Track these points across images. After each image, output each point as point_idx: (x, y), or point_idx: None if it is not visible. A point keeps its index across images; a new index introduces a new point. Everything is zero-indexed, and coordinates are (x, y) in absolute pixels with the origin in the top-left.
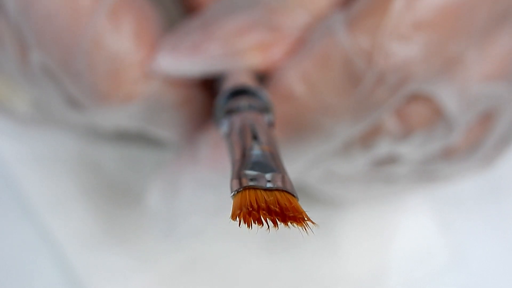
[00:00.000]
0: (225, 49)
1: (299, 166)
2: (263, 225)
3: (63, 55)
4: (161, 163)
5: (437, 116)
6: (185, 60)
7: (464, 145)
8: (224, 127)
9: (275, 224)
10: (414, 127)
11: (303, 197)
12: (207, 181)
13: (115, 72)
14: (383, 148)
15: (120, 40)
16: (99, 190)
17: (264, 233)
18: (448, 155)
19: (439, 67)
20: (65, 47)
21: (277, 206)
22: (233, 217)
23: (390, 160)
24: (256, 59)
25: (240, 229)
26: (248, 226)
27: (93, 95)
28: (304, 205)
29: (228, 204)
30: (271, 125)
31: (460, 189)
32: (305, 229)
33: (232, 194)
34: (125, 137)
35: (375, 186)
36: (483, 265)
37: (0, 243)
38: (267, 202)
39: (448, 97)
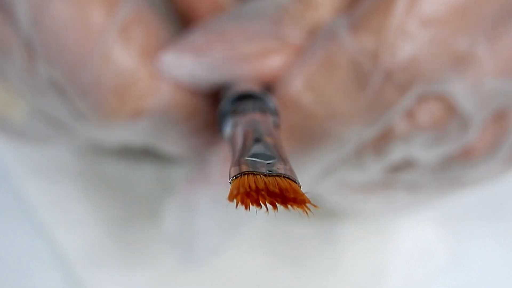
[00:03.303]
0: (229, 52)
1: (310, 176)
2: (261, 207)
3: (70, 69)
4: (167, 169)
5: (451, 114)
6: (188, 59)
7: (481, 145)
8: (227, 128)
9: (274, 206)
10: (426, 127)
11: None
12: (221, 198)
13: (121, 88)
14: (397, 152)
15: (129, 56)
16: (104, 200)
17: (264, 233)
18: (466, 156)
19: (448, 63)
20: (73, 61)
21: (277, 187)
22: (230, 198)
23: (406, 165)
24: (260, 65)
25: (237, 228)
26: (246, 208)
27: (99, 111)
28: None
29: (245, 219)
30: (276, 126)
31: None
32: (306, 212)
33: (230, 179)
34: (130, 147)
35: (396, 196)
36: (483, 265)
37: (4, 250)
38: (267, 184)
39: (461, 94)
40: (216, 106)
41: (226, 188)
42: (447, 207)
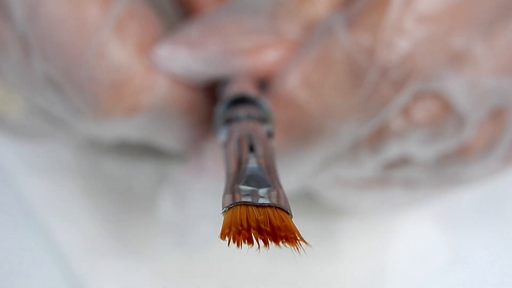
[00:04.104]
0: (224, 46)
1: (306, 171)
2: (253, 244)
3: (66, 65)
4: (165, 166)
5: (447, 112)
6: (183, 52)
7: (478, 143)
8: (222, 136)
9: (266, 243)
10: (422, 124)
11: (306, 201)
12: (215, 189)
13: (117, 84)
14: (392, 149)
15: (124, 51)
16: (103, 197)
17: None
18: (463, 154)
19: (444, 60)
20: (69, 57)
21: (268, 225)
22: (222, 236)
23: (402, 162)
24: (256, 60)
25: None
26: (238, 245)
27: (96, 107)
28: (304, 207)
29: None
30: (270, 135)
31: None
32: (297, 249)
33: (223, 210)
34: (128, 142)
35: (393, 193)
36: (483, 264)
37: (3, 248)
38: (258, 221)
39: (457, 91)
40: (212, 101)
41: (219, 178)
42: (447, 205)
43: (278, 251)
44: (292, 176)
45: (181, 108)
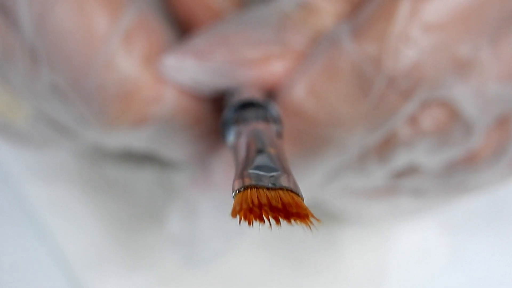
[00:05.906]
0: (231, 56)
1: (313, 182)
2: (264, 222)
3: (74, 75)
4: (168, 172)
5: (454, 119)
6: (190, 63)
7: (486, 150)
8: (231, 138)
9: (277, 221)
10: (430, 132)
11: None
12: (224, 203)
13: (125, 96)
14: (400, 158)
15: (132, 63)
16: (106, 203)
17: (265, 232)
18: (470, 161)
19: (451, 69)
20: (77, 68)
21: (280, 202)
22: (233, 214)
23: (410, 171)
24: (263, 71)
25: (241, 231)
26: (249, 223)
27: (103, 118)
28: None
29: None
30: (279, 135)
31: None
32: (309, 227)
33: (233, 193)
34: (133, 152)
35: (401, 201)
36: (483, 266)
37: (6, 253)
38: (269, 199)
39: (464, 99)
40: (219, 113)
41: (228, 192)
42: (448, 209)
43: (279, 255)
44: (301, 187)
45: (188, 120)
